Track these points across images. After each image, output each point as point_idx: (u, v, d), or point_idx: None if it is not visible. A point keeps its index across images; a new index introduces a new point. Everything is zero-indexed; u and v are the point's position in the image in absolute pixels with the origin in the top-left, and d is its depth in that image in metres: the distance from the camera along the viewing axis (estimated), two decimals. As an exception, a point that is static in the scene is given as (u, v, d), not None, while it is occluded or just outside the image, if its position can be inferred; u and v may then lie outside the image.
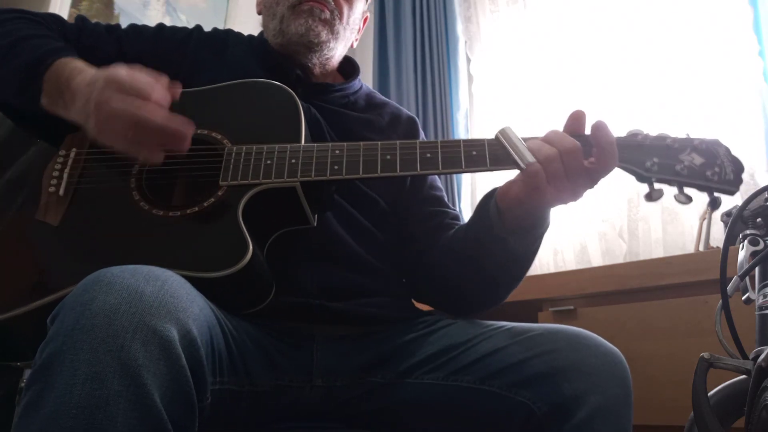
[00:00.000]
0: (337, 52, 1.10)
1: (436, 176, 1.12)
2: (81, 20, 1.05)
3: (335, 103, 1.07)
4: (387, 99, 1.20)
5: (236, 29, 1.19)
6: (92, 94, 0.80)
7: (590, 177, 0.79)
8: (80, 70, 0.86)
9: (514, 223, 0.84)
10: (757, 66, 1.89)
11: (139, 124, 0.77)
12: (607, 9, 2.28)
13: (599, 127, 0.79)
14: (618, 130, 0.83)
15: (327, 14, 1.05)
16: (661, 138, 0.82)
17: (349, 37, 1.13)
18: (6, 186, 0.91)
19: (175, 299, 0.63)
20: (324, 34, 1.05)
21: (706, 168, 0.79)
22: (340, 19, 1.07)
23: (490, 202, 0.87)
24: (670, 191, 0.81)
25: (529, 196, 0.79)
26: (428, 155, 0.83)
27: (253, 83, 0.96)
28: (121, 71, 0.80)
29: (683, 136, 0.83)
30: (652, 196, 0.80)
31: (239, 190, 0.83)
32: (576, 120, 0.83)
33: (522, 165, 0.78)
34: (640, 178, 0.81)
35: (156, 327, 0.59)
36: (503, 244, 0.85)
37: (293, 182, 0.83)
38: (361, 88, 1.15)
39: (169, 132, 0.78)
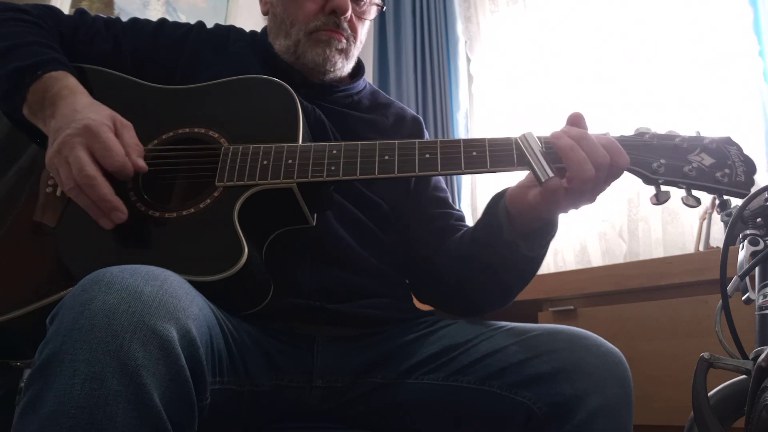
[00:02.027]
0: (347, 68, 1.08)
1: (440, 177, 1.11)
2: (80, 14, 1.04)
3: (339, 104, 1.05)
4: (391, 98, 1.17)
5: (236, 29, 1.17)
6: (67, 127, 0.80)
7: (605, 180, 0.77)
8: (71, 91, 0.86)
9: (524, 226, 0.83)
10: (757, 66, 1.89)
11: (80, 185, 0.78)
12: (607, 9, 2.28)
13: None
14: (618, 130, 0.81)
15: (344, 44, 1.03)
16: (669, 137, 0.79)
17: (359, 48, 1.10)
18: (17, 173, 0.91)
19: (175, 299, 0.63)
20: (339, 63, 1.03)
21: (715, 169, 0.76)
22: (355, 40, 1.05)
23: (498, 204, 0.86)
24: (676, 192, 0.78)
25: (545, 204, 0.78)
26: (427, 156, 0.82)
27: (252, 79, 0.95)
28: (105, 128, 0.80)
29: (693, 134, 0.79)
30: (659, 199, 0.77)
31: (235, 191, 0.83)
32: (575, 122, 0.80)
33: (542, 178, 0.75)
34: (647, 181, 0.78)
35: (155, 327, 0.59)
36: (514, 249, 0.85)
37: (290, 183, 0.83)
38: (365, 87, 1.13)
39: (98, 210, 0.79)
